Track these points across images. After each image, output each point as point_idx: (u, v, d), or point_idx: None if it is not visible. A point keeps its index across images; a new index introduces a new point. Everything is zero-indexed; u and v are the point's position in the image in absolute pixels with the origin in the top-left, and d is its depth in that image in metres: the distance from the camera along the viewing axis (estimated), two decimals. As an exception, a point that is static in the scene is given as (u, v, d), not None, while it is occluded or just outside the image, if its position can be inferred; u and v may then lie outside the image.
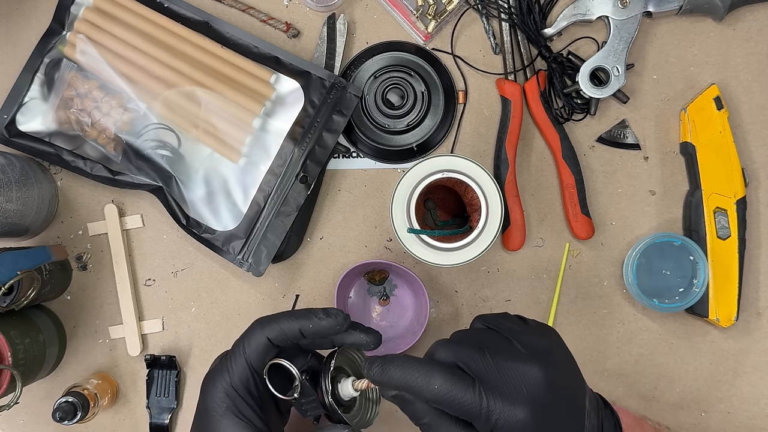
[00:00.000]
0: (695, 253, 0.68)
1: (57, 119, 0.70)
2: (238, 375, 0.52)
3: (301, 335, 0.53)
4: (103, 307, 0.72)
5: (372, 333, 0.56)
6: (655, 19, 0.71)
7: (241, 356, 0.52)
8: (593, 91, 0.69)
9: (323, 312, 0.53)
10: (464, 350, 0.47)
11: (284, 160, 0.69)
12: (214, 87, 0.68)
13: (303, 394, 0.53)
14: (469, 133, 0.72)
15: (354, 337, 0.55)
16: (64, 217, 0.72)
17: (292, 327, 0.53)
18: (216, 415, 0.51)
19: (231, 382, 0.52)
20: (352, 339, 0.55)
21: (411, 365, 0.47)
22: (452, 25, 0.72)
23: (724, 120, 0.69)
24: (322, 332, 0.53)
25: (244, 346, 0.53)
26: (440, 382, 0.46)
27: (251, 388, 0.52)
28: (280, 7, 0.72)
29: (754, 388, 0.71)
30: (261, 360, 0.53)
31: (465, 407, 0.45)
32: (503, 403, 0.45)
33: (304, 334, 0.53)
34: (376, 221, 0.72)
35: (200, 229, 0.69)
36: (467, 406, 0.45)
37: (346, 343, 0.55)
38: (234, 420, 0.51)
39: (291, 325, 0.53)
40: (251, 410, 0.52)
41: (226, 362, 0.53)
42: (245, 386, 0.52)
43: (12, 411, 0.62)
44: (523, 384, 0.47)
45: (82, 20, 0.70)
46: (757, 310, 0.71)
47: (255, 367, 0.53)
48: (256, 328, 0.53)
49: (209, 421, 0.52)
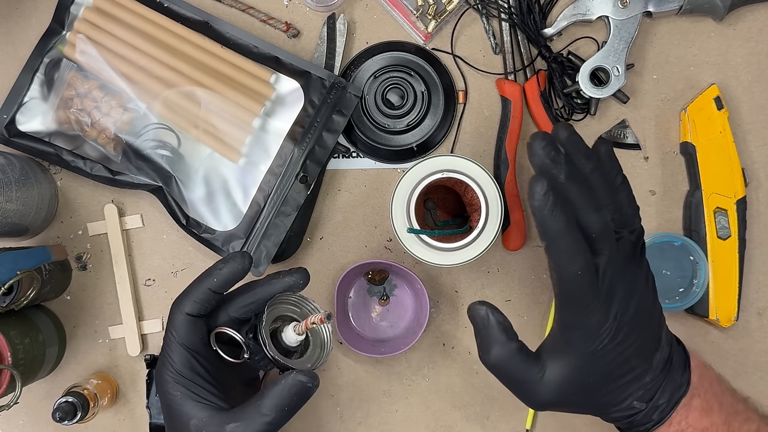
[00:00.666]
0: (695, 254, 0.68)
1: (57, 119, 0.70)
2: (178, 360, 0.52)
3: (214, 293, 0.53)
4: (102, 307, 0.72)
5: (295, 271, 0.56)
6: (655, 19, 0.71)
7: (173, 341, 0.52)
8: (593, 91, 0.69)
9: (221, 262, 0.54)
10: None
11: (284, 160, 0.69)
12: (214, 87, 0.68)
13: (252, 353, 0.54)
14: (469, 133, 0.72)
15: (281, 283, 0.55)
16: (63, 217, 0.72)
17: (201, 290, 0.53)
18: (174, 406, 0.51)
19: (175, 369, 0.52)
20: (279, 285, 0.55)
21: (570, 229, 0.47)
22: (452, 25, 0.72)
23: (724, 120, 0.69)
24: (229, 279, 0.53)
25: (171, 331, 0.53)
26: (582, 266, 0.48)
27: (196, 368, 0.52)
28: (280, 7, 0.72)
29: (754, 389, 0.71)
30: (192, 337, 0.53)
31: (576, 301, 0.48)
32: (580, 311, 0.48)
33: (215, 290, 0.53)
34: (376, 221, 0.72)
35: (200, 229, 0.69)
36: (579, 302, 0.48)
37: (276, 293, 0.55)
38: (192, 404, 0.51)
39: (199, 289, 0.53)
40: (205, 390, 0.52)
41: (163, 354, 0.53)
42: (189, 368, 0.52)
43: (12, 411, 0.62)
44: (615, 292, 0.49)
45: (82, 20, 0.70)
46: (757, 310, 0.71)
47: (190, 346, 0.52)
48: (174, 309, 0.53)
49: (172, 414, 0.52)
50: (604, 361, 0.49)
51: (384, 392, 0.72)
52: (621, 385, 0.50)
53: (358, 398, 0.72)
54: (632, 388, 0.50)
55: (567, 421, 0.71)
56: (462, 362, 0.72)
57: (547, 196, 0.46)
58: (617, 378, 0.49)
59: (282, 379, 0.51)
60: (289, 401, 0.50)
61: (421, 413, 0.72)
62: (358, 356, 0.71)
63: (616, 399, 0.50)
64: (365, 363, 0.72)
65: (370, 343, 0.71)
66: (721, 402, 0.52)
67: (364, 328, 0.72)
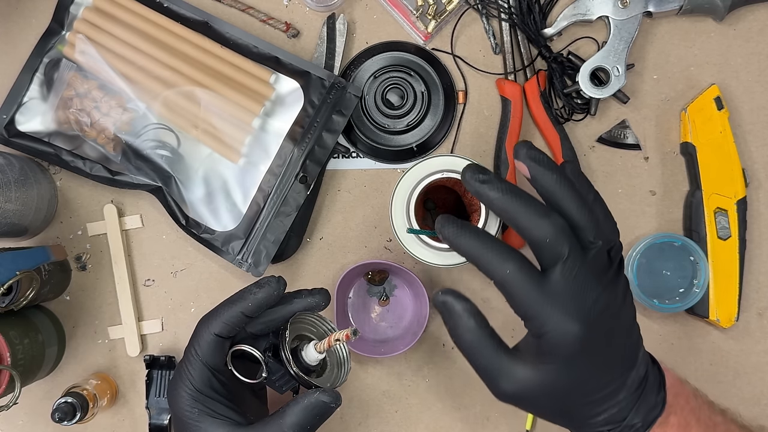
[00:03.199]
0: (695, 254, 0.68)
1: (56, 119, 0.69)
2: (199, 378, 0.52)
3: (246, 317, 0.53)
4: (102, 308, 0.72)
5: (317, 292, 0.56)
6: (655, 19, 0.71)
7: (196, 359, 0.52)
8: (593, 91, 0.68)
9: (256, 286, 0.54)
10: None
11: (284, 160, 0.68)
12: (213, 87, 0.68)
13: (271, 372, 0.54)
14: (469, 133, 0.72)
15: (301, 303, 0.56)
16: (63, 217, 0.72)
17: (234, 313, 0.53)
18: (192, 422, 0.52)
19: (194, 387, 0.52)
20: (300, 305, 0.56)
21: (490, 240, 0.47)
22: (452, 25, 0.72)
23: (724, 120, 0.69)
24: (263, 304, 0.53)
25: (195, 348, 0.53)
26: (513, 267, 0.45)
27: (215, 385, 0.53)
28: (279, 6, 0.72)
29: (754, 389, 0.71)
30: (216, 357, 0.53)
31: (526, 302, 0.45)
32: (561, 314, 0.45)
33: (248, 315, 0.53)
34: (376, 221, 0.72)
35: (200, 229, 0.69)
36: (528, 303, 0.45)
37: (297, 311, 0.56)
38: (210, 420, 0.51)
39: (231, 312, 0.53)
40: (224, 406, 0.52)
41: (183, 369, 0.53)
42: (209, 386, 0.52)
43: (11, 411, 0.62)
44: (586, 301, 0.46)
45: (82, 20, 0.70)
46: (757, 310, 0.71)
47: (212, 366, 0.53)
48: (201, 327, 0.53)
49: (189, 429, 0.52)
50: (577, 371, 0.47)
51: (384, 392, 0.72)
52: (594, 400, 0.48)
53: (357, 398, 0.72)
54: (606, 405, 0.48)
55: (567, 421, 0.71)
56: (462, 363, 0.71)
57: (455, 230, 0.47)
58: (590, 392, 0.48)
59: (305, 398, 0.51)
60: (311, 420, 0.50)
61: (420, 414, 0.72)
62: (358, 356, 0.71)
63: (588, 413, 0.48)
64: (365, 363, 0.72)
65: (369, 343, 0.71)
66: (698, 417, 0.51)
67: (364, 329, 0.72)
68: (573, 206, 0.47)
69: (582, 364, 0.47)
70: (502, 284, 0.46)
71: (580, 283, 0.46)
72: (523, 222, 0.46)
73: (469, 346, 0.48)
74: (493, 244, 0.46)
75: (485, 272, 0.47)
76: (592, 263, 0.46)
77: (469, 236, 0.47)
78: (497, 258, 0.46)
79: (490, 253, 0.46)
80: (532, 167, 0.47)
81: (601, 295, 0.46)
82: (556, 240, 0.45)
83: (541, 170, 0.47)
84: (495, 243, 0.47)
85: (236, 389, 0.55)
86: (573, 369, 0.46)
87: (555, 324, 0.45)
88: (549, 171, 0.47)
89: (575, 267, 0.46)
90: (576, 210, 0.47)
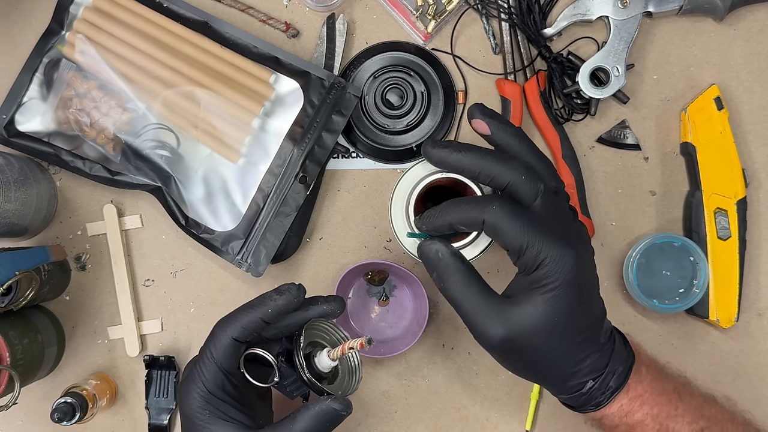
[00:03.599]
0: (695, 254, 0.68)
1: (56, 119, 0.69)
2: (212, 380, 0.52)
3: (264, 323, 0.53)
4: (102, 308, 0.72)
5: (332, 299, 0.57)
6: (655, 19, 0.71)
7: (210, 361, 0.52)
8: (593, 91, 0.68)
9: (276, 292, 0.54)
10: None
11: (283, 160, 0.68)
12: (213, 87, 0.68)
13: (283, 377, 0.54)
14: (468, 134, 0.72)
15: (317, 310, 0.56)
16: (63, 217, 0.72)
17: (253, 319, 0.53)
18: (203, 423, 0.52)
19: (207, 389, 0.52)
20: (316, 312, 0.56)
21: (466, 200, 0.49)
22: (452, 25, 0.72)
23: (724, 120, 0.69)
24: (282, 311, 0.54)
25: (211, 351, 0.53)
26: (498, 204, 0.47)
27: (228, 388, 0.53)
28: (279, 6, 0.72)
29: (754, 390, 0.71)
30: (230, 360, 0.53)
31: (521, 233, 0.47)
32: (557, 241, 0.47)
33: (267, 321, 0.53)
34: (376, 221, 0.72)
35: (199, 229, 0.69)
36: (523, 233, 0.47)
37: (312, 318, 0.56)
38: (221, 423, 0.52)
39: (251, 317, 0.53)
40: (235, 409, 0.53)
41: (196, 370, 0.53)
42: (221, 389, 0.53)
43: (10, 411, 0.62)
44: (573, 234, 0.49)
45: (82, 20, 0.70)
46: (757, 311, 0.71)
47: (226, 369, 0.53)
48: (219, 331, 0.53)
49: (198, 430, 0.52)
50: (569, 300, 0.48)
51: (383, 393, 0.72)
52: (581, 341, 0.49)
53: (357, 399, 0.72)
54: (590, 348, 0.49)
55: (567, 421, 0.71)
56: (462, 363, 0.72)
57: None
58: (580, 328, 0.49)
59: (316, 405, 0.51)
60: (321, 427, 0.51)
61: (420, 414, 0.72)
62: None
63: (575, 357, 0.49)
64: (365, 363, 0.72)
65: (369, 343, 0.71)
66: (666, 371, 0.54)
67: (364, 329, 0.72)
68: (529, 154, 0.50)
69: (573, 293, 0.48)
70: (492, 225, 0.48)
71: (561, 213, 0.49)
72: (495, 169, 0.48)
73: (460, 290, 0.49)
74: (469, 199, 0.49)
75: (474, 219, 0.48)
76: (559, 199, 0.50)
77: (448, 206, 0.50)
78: (481, 201, 0.48)
79: (472, 201, 0.49)
80: (491, 123, 0.50)
81: (581, 226, 0.50)
82: (529, 177, 0.48)
83: (500, 125, 0.50)
84: (469, 198, 0.50)
85: (246, 393, 0.55)
86: (567, 297, 0.47)
87: (552, 249, 0.47)
88: (505, 125, 0.50)
89: (553, 199, 0.49)
90: (533, 157, 0.50)
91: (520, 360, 0.51)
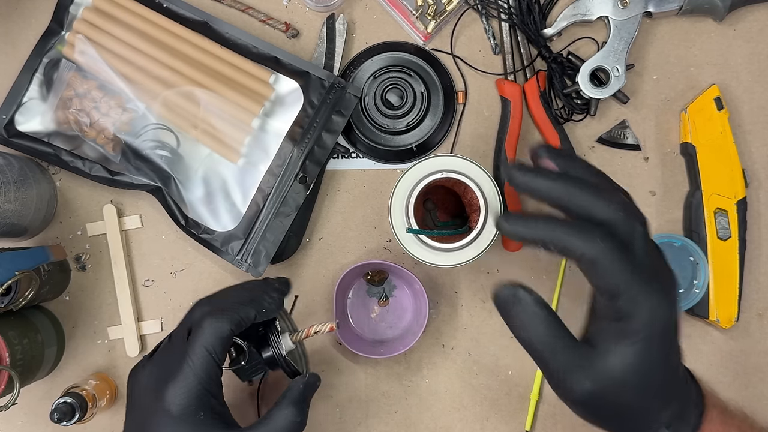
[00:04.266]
0: (695, 254, 0.68)
1: (56, 119, 0.69)
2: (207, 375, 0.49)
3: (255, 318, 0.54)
4: (101, 308, 0.72)
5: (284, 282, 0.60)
6: (655, 19, 0.71)
7: (208, 354, 0.49)
8: (593, 91, 0.68)
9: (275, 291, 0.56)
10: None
11: (283, 160, 0.68)
12: (213, 87, 0.68)
13: (250, 359, 0.57)
14: (468, 134, 0.72)
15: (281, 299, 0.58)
16: (62, 217, 0.72)
17: (248, 315, 0.53)
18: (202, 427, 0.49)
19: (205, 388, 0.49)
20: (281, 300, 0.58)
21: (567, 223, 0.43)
22: (452, 25, 0.72)
23: (724, 120, 0.69)
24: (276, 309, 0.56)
25: (206, 346, 0.50)
26: (602, 239, 0.42)
27: (221, 386, 0.52)
28: (279, 7, 0.72)
29: (754, 390, 0.71)
30: (224, 353, 0.51)
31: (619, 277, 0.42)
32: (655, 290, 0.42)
33: (259, 317, 0.54)
34: (376, 222, 0.72)
35: (199, 229, 0.69)
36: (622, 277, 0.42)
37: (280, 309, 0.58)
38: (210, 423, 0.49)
39: (247, 314, 0.53)
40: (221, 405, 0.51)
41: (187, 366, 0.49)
42: (217, 384, 0.51)
43: (10, 412, 0.61)
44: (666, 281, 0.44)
45: (81, 20, 0.70)
46: (757, 311, 0.71)
47: (218, 363, 0.51)
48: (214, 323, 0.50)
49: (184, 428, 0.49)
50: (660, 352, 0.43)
51: (383, 393, 0.72)
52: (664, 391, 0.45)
53: (357, 399, 0.72)
54: (671, 398, 0.45)
55: (567, 421, 0.71)
56: (461, 363, 0.72)
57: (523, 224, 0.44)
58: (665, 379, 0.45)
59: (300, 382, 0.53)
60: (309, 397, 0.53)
61: (420, 414, 0.72)
62: (357, 357, 0.71)
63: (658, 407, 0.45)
64: (364, 364, 0.72)
65: (369, 343, 0.71)
66: (730, 408, 0.50)
67: (363, 329, 0.72)
68: (611, 189, 0.45)
69: (665, 346, 0.44)
70: (592, 260, 0.42)
71: (656, 257, 0.44)
72: (590, 201, 0.43)
73: (546, 343, 0.44)
74: (572, 221, 0.43)
75: (572, 249, 0.43)
76: (651, 241, 0.45)
77: (545, 224, 0.44)
78: (584, 232, 0.43)
79: (573, 230, 0.43)
80: (559, 163, 0.45)
81: (672, 271, 0.45)
82: (627, 215, 0.43)
83: (570, 162, 0.46)
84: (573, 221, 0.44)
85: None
86: (659, 350, 0.43)
87: (650, 299, 0.42)
88: (576, 161, 0.46)
89: (650, 242, 0.44)
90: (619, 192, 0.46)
91: (604, 412, 0.46)
